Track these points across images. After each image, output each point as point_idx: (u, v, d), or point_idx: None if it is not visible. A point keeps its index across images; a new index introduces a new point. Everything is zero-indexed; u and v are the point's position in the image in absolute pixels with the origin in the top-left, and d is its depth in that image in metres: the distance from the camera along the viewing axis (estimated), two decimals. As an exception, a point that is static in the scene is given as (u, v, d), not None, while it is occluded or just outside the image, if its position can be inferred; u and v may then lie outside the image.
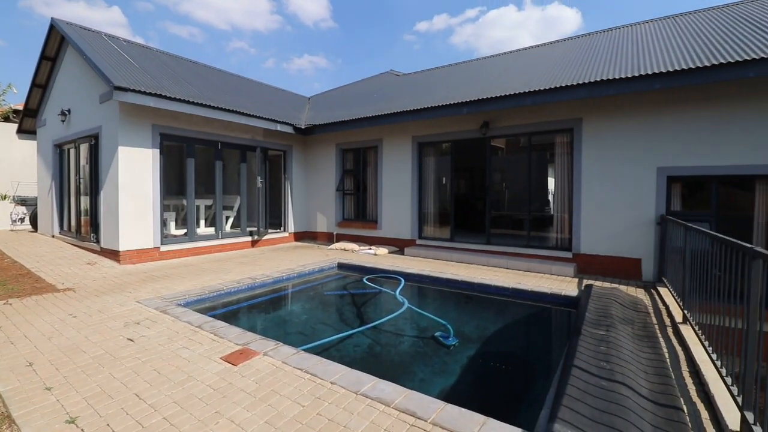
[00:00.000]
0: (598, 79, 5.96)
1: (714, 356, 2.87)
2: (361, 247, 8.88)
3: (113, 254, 7.01)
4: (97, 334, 3.73)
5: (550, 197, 7.63)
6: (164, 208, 7.87)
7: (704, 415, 2.48)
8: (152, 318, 4.19)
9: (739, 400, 2.27)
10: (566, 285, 5.77)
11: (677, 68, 5.38)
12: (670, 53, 6.32)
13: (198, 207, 8.73)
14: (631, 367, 2.79)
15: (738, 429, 2.22)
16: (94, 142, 7.52)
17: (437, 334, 4.35)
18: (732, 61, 5.02)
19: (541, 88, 6.43)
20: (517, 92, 6.68)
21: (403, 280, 6.18)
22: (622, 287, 5.67)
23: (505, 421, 2.30)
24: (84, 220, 8.17)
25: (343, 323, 5.12)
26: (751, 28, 6.27)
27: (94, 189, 7.58)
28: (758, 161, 5.36)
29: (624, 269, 6.32)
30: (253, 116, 8.32)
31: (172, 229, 8.22)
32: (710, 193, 5.83)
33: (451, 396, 3.25)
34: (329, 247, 9.18)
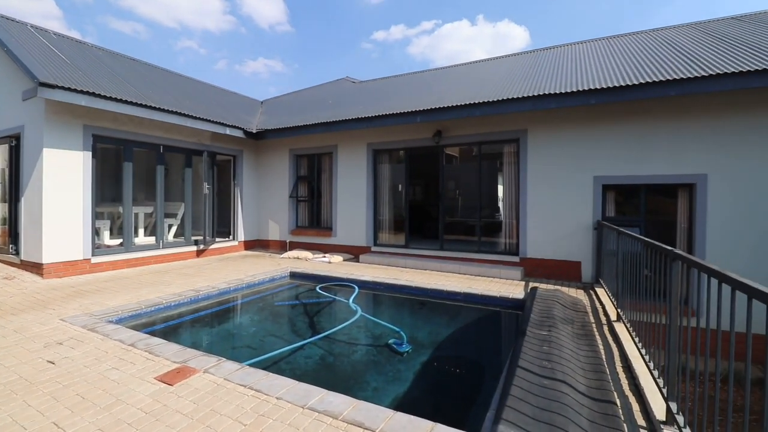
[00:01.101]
0: (541, 93, 6.32)
1: (643, 351, 3.09)
2: (315, 255, 8.70)
3: (36, 267, 6.32)
4: (12, 357, 3.31)
5: (500, 204, 7.94)
6: (97, 216, 7.25)
7: (635, 407, 2.65)
8: (78, 337, 3.80)
9: (665, 391, 2.44)
10: (514, 288, 6.00)
11: (610, 85, 5.84)
12: (604, 71, 6.85)
13: (137, 215, 8.12)
14: (570, 365, 2.92)
15: (664, 419, 2.38)
16: (15, 143, 6.77)
17: (391, 341, 4.33)
18: (656, 80, 5.54)
19: (490, 100, 6.70)
20: (467, 103, 6.92)
21: (357, 287, 6.12)
22: (564, 289, 5.99)
23: (454, 426, 2.31)
24: (1, 229, 7.31)
25: (294, 334, 4.95)
26: (672, 52, 6.96)
27: (13, 195, 6.81)
28: (678, 171, 5.93)
29: (566, 271, 6.70)
30: (199, 119, 7.92)
31: (106, 239, 7.58)
32: (640, 199, 6.35)
33: (404, 403, 3.23)
34: (282, 256, 8.90)
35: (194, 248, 8.62)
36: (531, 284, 6.25)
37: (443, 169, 8.34)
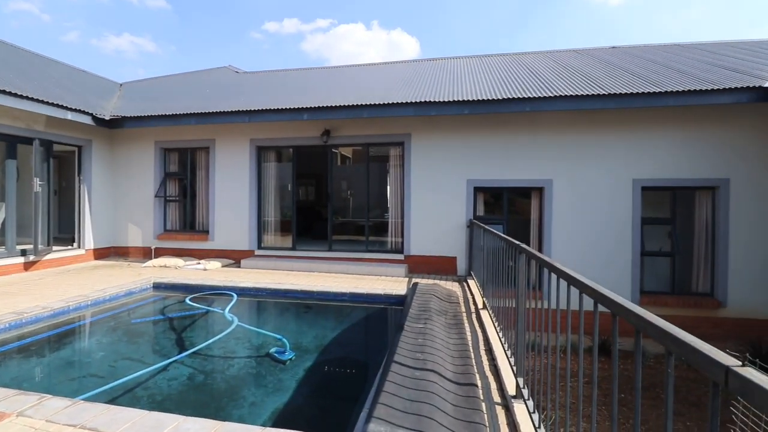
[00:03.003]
0: (423, 101, 6.74)
1: (500, 334, 3.46)
2: (188, 262, 7.76)
3: None
4: None
5: (389, 204, 8.23)
6: None
7: (494, 386, 2.93)
8: None
9: (515, 368, 2.75)
10: (398, 285, 6.24)
11: (480, 98, 6.54)
12: (476, 85, 7.65)
13: (-72, 218, 6.16)
14: (441, 354, 3.11)
15: (514, 393, 2.67)
16: None
17: (272, 350, 4.07)
18: (516, 97, 6.38)
19: (376, 103, 6.88)
20: (355, 104, 6.98)
21: (235, 295, 5.64)
22: (442, 282, 6.46)
23: (331, 431, 2.25)
24: None
25: (155, 354, 4.30)
26: (529, 74, 8.13)
27: None
28: (532, 176, 6.93)
29: (444, 267, 7.26)
30: (27, 98, 6.30)
31: None
32: (503, 200, 7.24)
33: (284, 414, 3.04)
34: (144, 265, 7.70)
35: (21, 260, 6.87)
36: (414, 280, 6.58)
37: (332, 169, 8.27)
